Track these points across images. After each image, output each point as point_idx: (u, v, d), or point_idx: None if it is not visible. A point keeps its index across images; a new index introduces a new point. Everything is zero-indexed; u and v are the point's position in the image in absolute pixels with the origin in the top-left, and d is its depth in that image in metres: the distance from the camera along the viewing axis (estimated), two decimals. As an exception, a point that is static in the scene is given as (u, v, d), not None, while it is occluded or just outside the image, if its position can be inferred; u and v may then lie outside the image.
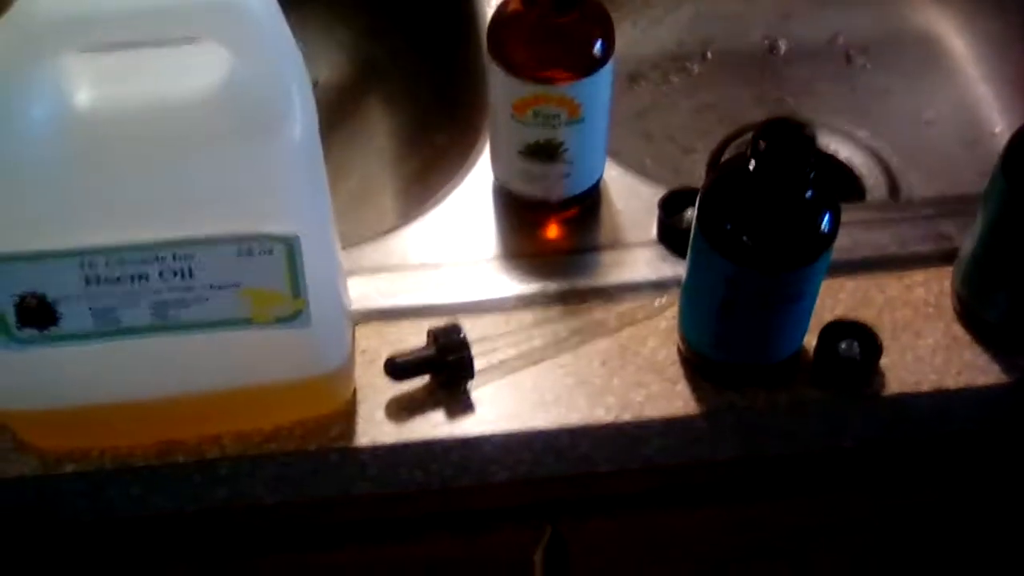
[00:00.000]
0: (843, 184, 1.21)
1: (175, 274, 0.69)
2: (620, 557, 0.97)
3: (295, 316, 0.72)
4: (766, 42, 1.30)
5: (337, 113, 1.24)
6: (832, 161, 1.22)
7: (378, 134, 1.22)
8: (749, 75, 1.28)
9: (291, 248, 0.68)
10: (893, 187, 1.19)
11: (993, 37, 1.26)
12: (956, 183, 1.16)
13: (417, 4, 1.22)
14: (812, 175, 0.70)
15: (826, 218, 0.72)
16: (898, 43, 1.29)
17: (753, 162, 0.70)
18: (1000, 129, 1.18)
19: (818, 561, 1.01)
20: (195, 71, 0.63)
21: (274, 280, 0.70)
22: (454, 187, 0.94)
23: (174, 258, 0.68)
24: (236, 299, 0.71)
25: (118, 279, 0.69)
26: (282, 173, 0.65)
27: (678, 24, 1.31)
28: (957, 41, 1.28)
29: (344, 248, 0.88)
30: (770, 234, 0.72)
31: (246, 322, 0.72)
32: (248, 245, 0.68)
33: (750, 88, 1.27)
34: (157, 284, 0.69)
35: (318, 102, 1.24)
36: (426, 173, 1.14)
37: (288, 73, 0.63)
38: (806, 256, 0.72)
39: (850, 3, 1.31)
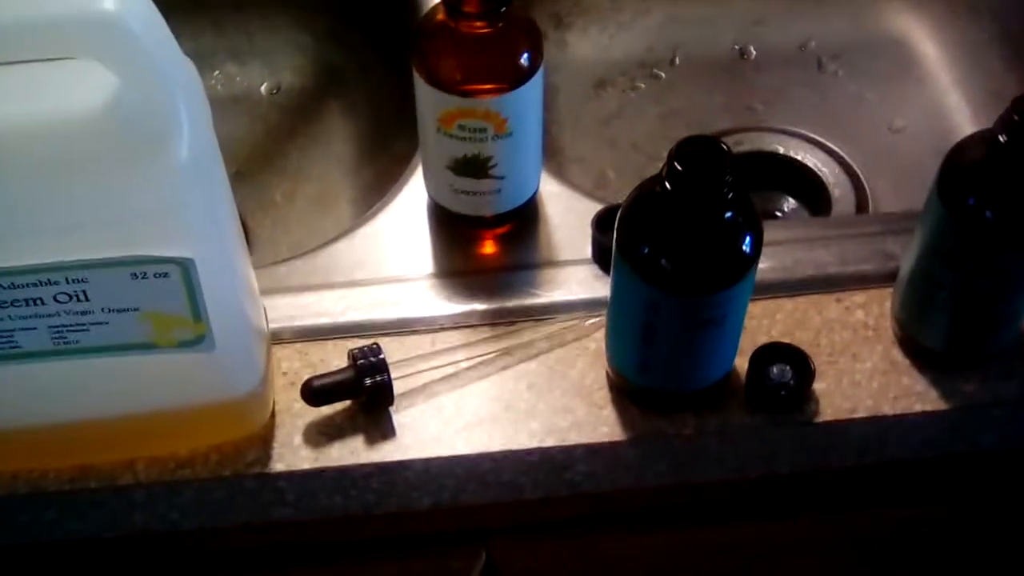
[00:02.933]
0: (810, 193, 1.18)
1: (70, 297, 0.67)
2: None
3: (198, 340, 0.70)
4: (736, 48, 1.28)
5: (297, 118, 1.23)
6: (800, 169, 1.19)
7: (337, 140, 1.21)
8: (718, 81, 1.26)
9: (186, 270, 0.66)
10: (861, 196, 1.17)
11: (965, 44, 1.23)
12: (925, 193, 1.13)
13: (379, 11, 1.20)
14: (730, 195, 0.68)
15: (747, 239, 0.69)
16: (870, 49, 1.27)
17: (669, 183, 0.67)
18: (971, 138, 1.15)
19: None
20: (80, 90, 0.61)
21: (173, 303, 0.68)
22: (388, 202, 0.92)
23: (67, 281, 0.66)
24: (136, 323, 0.69)
25: (13, 302, 0.67)
26: (171, 194, 0.63)
27: (647, 29, 1.29)
28: (929, 47, 1.26)
29: (271, 264, 0.86)
30: (688, 257, 0.69)
31: (149, 346, 0.70)
32: (142, 268, 0.66)
33: (719, 95, 1.25)
34: (53, 307, 0.68)
35: (279, 107, 1.24)
36: (383, 181, 1.11)
37: (174, 90, 0.61)
38: (726, 279, 0.70)
39: (822, 9, 1.29)
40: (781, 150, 1.20)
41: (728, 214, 0.69)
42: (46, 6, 0.57)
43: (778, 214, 1.19)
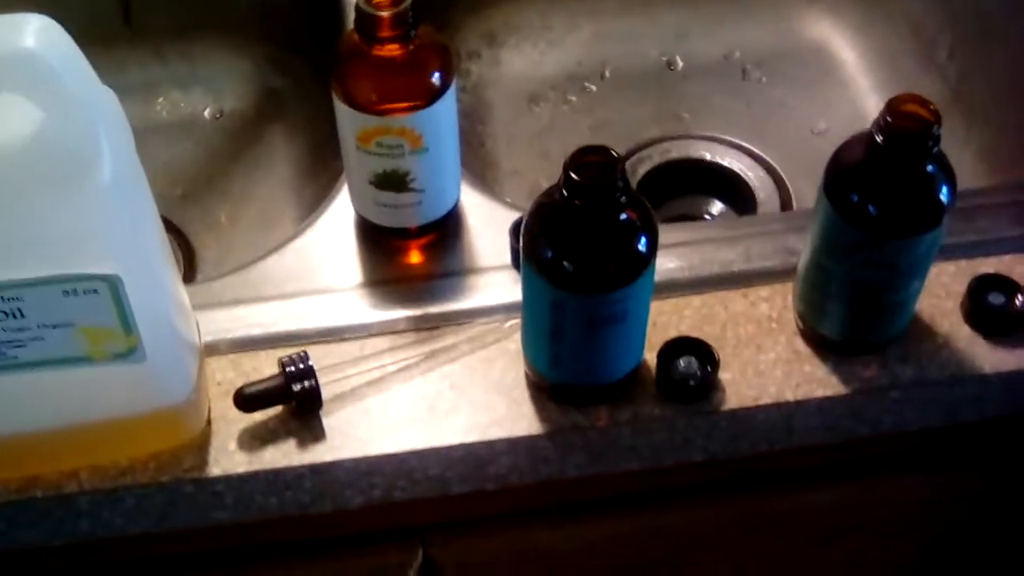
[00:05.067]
0: (737, 196, 1.23)
1: (6, 315, 0.71)
2: (495, 576, 0.99)
3: (130, 352, 0.75)
4: (664, 59, 1.32)
5: (240, 142, 1.27)
6: (727, 175, 1.24)
7: (279, 161, 1.25)
8: (647, 93, 1.31)
9: (114, 286, 0.70)
10: (785, 197, 1.21)
11: (882, 49, 1.29)
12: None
13: (316, 37, 1.24)
14: (623, 199, 0.72)
15: (642, 240, 0.74)
16: (792, 57, 1.32)
17: (565, 191, 0.72)
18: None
19: (696, 572, 1.03)
20: (5, 121, 0.65)
21: (104, 318, 0.72)
22: (317, 218, 0.96)
23: (3, 299, 0.70)
24: (71, 338, 0.73)
25: (-48, 322, 0.71)
26: (95, 215, 0.67)
27: (577, 44, 1.33)
28: (848, 53, 1.31)
29: (203, 281, 0.91)
30: (587, 258, 0.74)
31: (83, 360, 0.75)
32: (72, 285, 0.70)
33: (648, 105, 1.30)
34: (-9, 326, 0.72)
35: (223, 132, 1.28)
36: (325, 200, 1.16)
37: (94, 119, 0.66)
38: (624, 277, 0.74)
39: (745, 19, 1.33)
40: (708, 156, 1.25)
41: (623, 216, 0.73)
42: (-30, 45, 0.61)
43: (707, 217, 1.23)
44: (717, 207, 1.24)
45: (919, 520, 1.03)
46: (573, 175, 0.71)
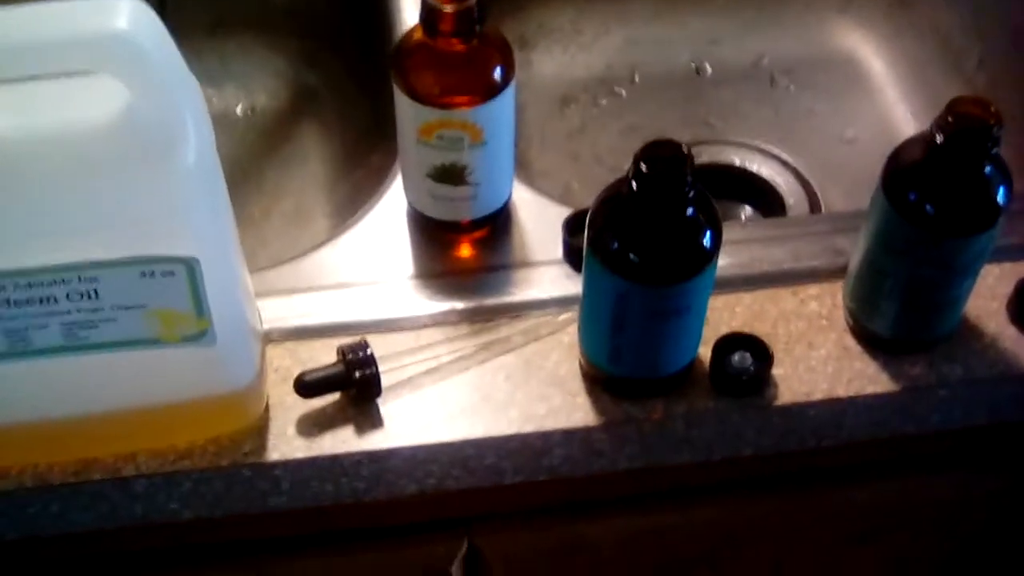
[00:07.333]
0: (766, 202, 1.24)
1: (81, 296, 0.72)
2: (538, 568, 1.00)
3: (201, 335, 0.75)
4: (693, 65, 1.34)
5: (273, 138, 1.28)
6: (756, 180, 1.25)
7: (312, 158, 1.25)
8: (676, 98, 1.32)
9: (192, 269, 0.71)
10: (814, 203, 1.22)
11: (909, 60, 1.30)
12: (874, 198, 1.19)
13: (349, 34, 1.25)
14: (691, 194, 0.73)
15: (707, 235, 0.75)
16: (821, 65, 1.33)
17: (635, 183, 0.73)
18: (916, 147, 1.22)
19: (735, 567, 1.04)
20: (92, 101, 0.66)
21: (178, 300, 0.73)
22: (370, 209, 0.97)
23: (79, 280, 0.71)
24: (143, 319, 0.74)
25: (27, 301, 0.72)
26: (178, 197, 0.68)
27: (607, 49, 1.34)
28: (877, 63, 1.32)
29: (261, 269, 0.92)
30: (654, 251, 0.75)
31: (154, 342, 0.75)
32: (150, 267, 0.71)
33: (677, 110, 1.31)
34: (65, 305, 0.72)
35: (255, 128, 1.29)
36: (358, 195, 1.17)
37: (181, 102, 0.66)
38: (688, 271, 0.75)
39: (774, 27, 1.35)
40: (737, 162, 1.26)
41: (690, 211, 0.74)
42: (66, 25, 0.62)
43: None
44: (747, 212, 1.25)
45: (958, 519, 1.04)
46: (644, 168, 0.72)
